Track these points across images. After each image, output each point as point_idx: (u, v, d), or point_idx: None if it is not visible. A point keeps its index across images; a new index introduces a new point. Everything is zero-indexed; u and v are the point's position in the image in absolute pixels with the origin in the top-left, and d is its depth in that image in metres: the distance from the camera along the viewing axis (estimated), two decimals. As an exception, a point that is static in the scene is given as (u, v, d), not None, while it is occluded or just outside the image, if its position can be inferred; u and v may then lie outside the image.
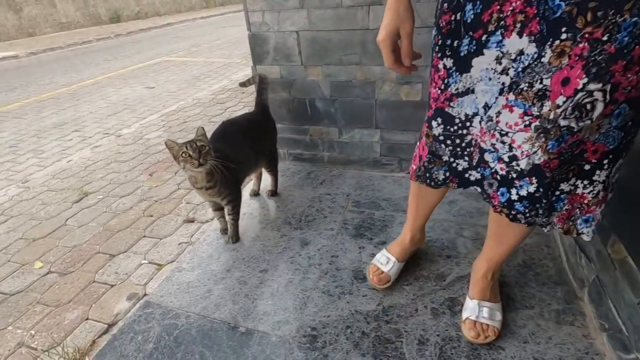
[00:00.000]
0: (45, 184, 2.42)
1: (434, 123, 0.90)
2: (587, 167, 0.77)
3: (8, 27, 9.51)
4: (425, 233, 1.33)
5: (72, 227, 1.89)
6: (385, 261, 1.23)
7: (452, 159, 0.93)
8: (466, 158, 0.91)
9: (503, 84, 0.73)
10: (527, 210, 0.84)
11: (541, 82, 0.68)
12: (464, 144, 0.89)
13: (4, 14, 9.36)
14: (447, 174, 0.97)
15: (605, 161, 0.75)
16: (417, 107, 1.62)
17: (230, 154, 1.33)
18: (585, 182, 0.78)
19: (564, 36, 0.64)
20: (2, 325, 1.33)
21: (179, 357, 1.04)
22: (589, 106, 0.65)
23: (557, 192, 0.81)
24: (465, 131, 0.86)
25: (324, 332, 1.08)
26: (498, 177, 0.85)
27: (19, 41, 9.53)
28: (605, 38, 0.60)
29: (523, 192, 0.82)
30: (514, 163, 0.80)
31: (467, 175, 0.93)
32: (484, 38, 0.73)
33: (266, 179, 1.81)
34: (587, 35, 0.62)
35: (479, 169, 0.89)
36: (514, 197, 0.84)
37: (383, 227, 1.49)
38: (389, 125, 1.73)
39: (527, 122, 0.73)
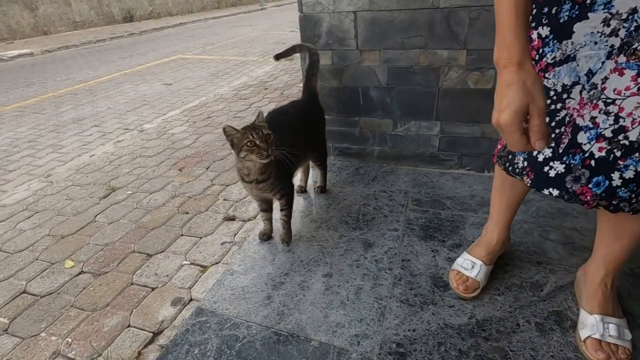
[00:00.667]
0: (70, 179, 2.29)
1: None
2: None
3: (24, 26, 9.51)
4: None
5: (102, 223, 1.76)
6: (470, 265, 1.08)
7: None
8: (552, 143, 0.80)
9: (612, 46, 0.66)
10: (633, 196, 0.72)
11: None
12: (553, 123, 0.79)
13: (20, 12, 9.37)
14: (526, 163, 0.86)
15: None
16: (488, 96, 1.47)
17: (283, 145, 1.18)
18: None
19: None
20: (35, 330, 1.19)
21: (246, 375, 0.89)
22: None
23: None
24: (559, 105, 0.77)
25: (412, 349, 0.92)
26: (592, 162, 0.74)
27: (34, 39, 9.52)
28: None
29: (629, 174, 0.71)
30: (620, 137, 0.69)
31: (546, 168, 0.81)
32: (588, 1, 0.67)
33: (312, 174, 1.66)
34: None
35: (565, 158, 0.78)
36: (617, 182, 0.72)
37: (454, 228, 1.33)
38: (451, 116, 1.57)
39: None
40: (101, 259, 1.50)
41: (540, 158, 0.83)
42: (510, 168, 0.92)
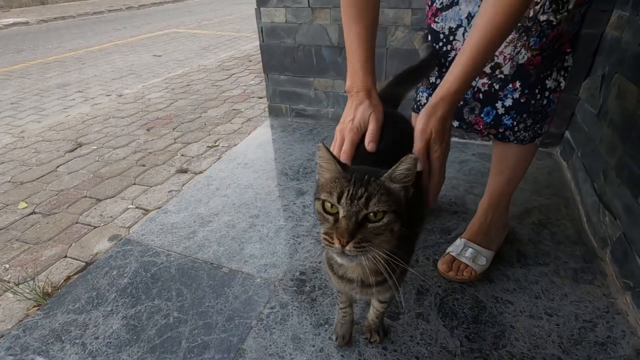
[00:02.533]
0: (41, 135, 2.35)
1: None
2: (567, 59, 0.78)
3: (21, -6, 9.43)
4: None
5: (62, 173, 1.82)
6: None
7: (437, 81, 0.93)
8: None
9: None
10: (515, 123, 0.84)
11: None
12: (447, 63, 0.89)
13: (17, -20, 9.28)
14: (430, 99, 0.91)
15: (571, 48, 0.78)
16: (431, 57, 1.49)
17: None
18: (564, 74, 0.80)
19: None
20: (-23, 258, 1.26)
21: (154, 292, 0.95)
22: None
23: (546, 93, 0.80)
24: (449, 47, 0.86)
25: (314, 277, 0.98)
26: (481, 95, 0.85)
27: (31, 8, 9.46)
28: None
29: (508, 102, 0.82)
30: (497, 72, 0.80)
31: None
32: None
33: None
34: None
35: None
36: (500, 110, 0.84)
37: (386, 182, 1.38)
38: (399, 78, 1.60)
39: None
40: (53, 202, 1.56)
41: None
42: (415, 106, 0.99)
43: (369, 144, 0.64)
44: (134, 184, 1.67)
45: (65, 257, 1.24)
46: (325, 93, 1.77)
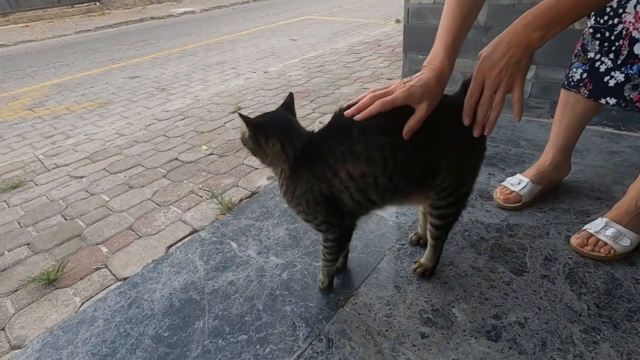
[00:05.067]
0: (210, 99, 2.94)
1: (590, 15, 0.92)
2: None
3: (190, -12, 11.34)
4: (571, 165, 1.20)
5: (228, 128, 2.29)
6: (517, 182, 1.16)
7: (597, 56, 0.92)
8: (612, 55, 0.89)
9: None
10: None
11: None
12: (612, 37, 0.88)
13: (189, -24, 11.16)
14: (585, 75, 0.97)
15: None
16: (593, 37, 1.40)
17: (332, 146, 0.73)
18: None
19: None
20: (181, 179, 1.74)
21: (307, 217, 1.21)
22: None
23: None
24: (616, 20, 0.85)
25: (440, 229, 1.10)
26: None
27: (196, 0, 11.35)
28: None
29: None
30: None
31: (606, 78, 0.91)
32: None
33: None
34: None
35: (624, 68, 0.87)
36: None
37: (519, 161, 1.39)
38: (548, 60, 1.54)
39: None
40: (225, 147, 2.01)
41: (602, 69, 0.93)
42: (566, 82, 1.00)
43: (405, 133, 0.67)
44: (282, 141, 2.01)
45: (237, 186, 1.62)
46: (462, 73, 1.81)
